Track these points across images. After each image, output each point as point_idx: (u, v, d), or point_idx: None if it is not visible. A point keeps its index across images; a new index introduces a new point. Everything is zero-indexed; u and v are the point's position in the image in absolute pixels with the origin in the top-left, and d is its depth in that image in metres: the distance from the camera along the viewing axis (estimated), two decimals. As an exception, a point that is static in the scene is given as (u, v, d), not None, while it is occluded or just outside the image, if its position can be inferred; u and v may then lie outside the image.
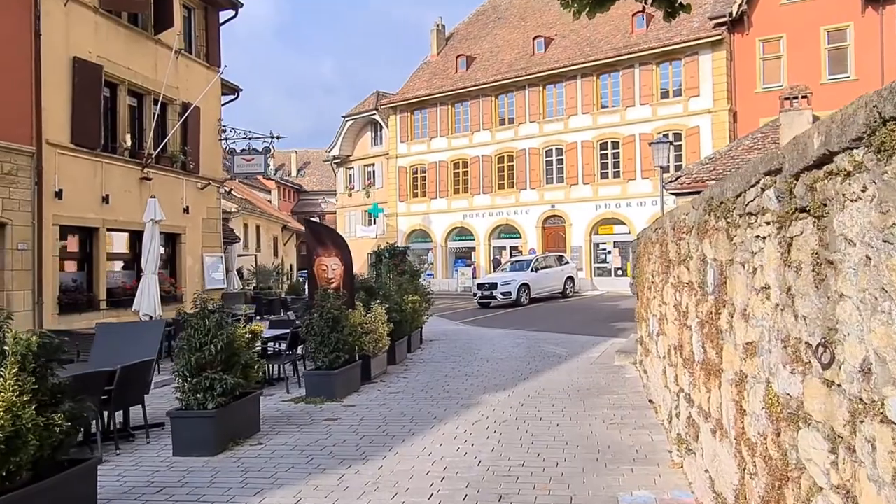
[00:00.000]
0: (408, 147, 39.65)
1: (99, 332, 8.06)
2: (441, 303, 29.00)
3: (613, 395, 8.80)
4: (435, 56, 42.20)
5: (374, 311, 10.95)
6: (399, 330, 12.57)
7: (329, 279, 10.49)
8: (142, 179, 14.02)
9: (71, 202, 12.13)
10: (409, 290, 14.14)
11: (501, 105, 35.97)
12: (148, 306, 10.82)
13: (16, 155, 10.98)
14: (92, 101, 12.59)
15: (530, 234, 34.56)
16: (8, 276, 10.84)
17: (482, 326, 19.49)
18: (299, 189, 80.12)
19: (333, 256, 10.54)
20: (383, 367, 11.44)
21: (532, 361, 12.23)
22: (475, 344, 15.23)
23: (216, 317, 6.64)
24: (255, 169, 16.69)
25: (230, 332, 6.71)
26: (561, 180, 33.55)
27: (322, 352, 9.29)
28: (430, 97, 38.13)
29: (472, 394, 9.32)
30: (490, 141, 36.00)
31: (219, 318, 6.64)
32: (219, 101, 17.33)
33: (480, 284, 26.49)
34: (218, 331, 6.60)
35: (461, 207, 37.21)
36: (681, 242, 5.47)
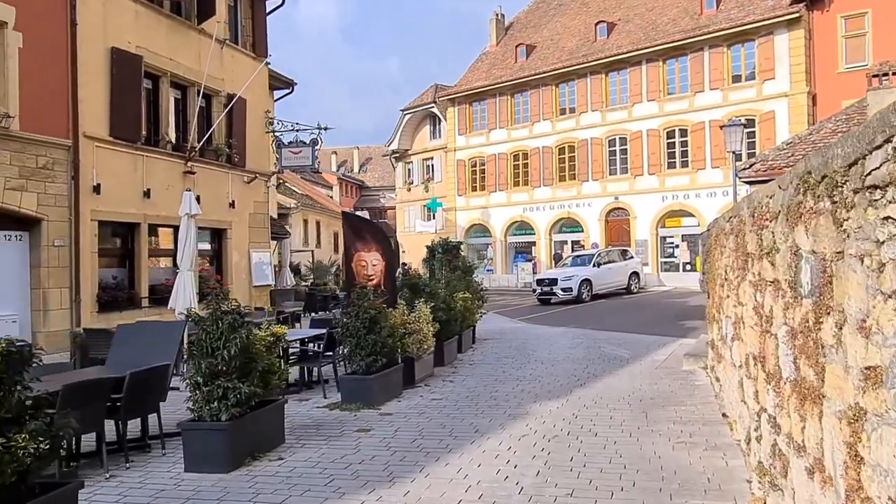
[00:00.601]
0: (466, 139, 38.83)
1: (118, 334, 7.59)
2: (499, 299, 28.14)
3: (681, 406, 7.76)
4: (494, 46, 41.20)
5: (418, 309, 10.20)
6: (447, 329, 11.80)
7: (369, 276, 9.80)
8: (185, 173, 13.70)
9: (110, 197, 11.86)
10: (459, 287, 13.34)
11: (562, 94, 34.69)
12: (184, 304, 10.39)
13: (51, 148, 10.73)
14: (131, 93, 12.30)
15: (593, 228, 33.21)
16: (44, 273, 10.61)
17: (540, 324, 18.52)
18: (361, 185, 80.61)
19: (373, 251, 9.84)
20: (429, 369, 10.69)
21: (591, 364, 11.24)
22: (531, 344, 14.31)
23: (230, 318, 5.99)
24: (303, 162, 16.21)
25: (244, 336, 6.06)
26: (625, 171, 32.05)
27: (358, 355, 8.60)
28: (488, 88, 37.17)
29: (522, 402, 8.45)
30: (550, 131, 34.78)
31: (232, 320, 5.99)
32: (266, 92, 16.93)
33: (540, 280, 25.46)
34: (231, 334, 5.96)
35: (521, 201, 36.15)
36: (763, 232, 4.47)
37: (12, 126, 10.08)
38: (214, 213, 14.69)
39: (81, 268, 11.17)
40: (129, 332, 7.57)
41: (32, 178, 10.41)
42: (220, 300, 6.13)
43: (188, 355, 6.00)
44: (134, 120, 12.41)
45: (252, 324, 7.03)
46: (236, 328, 6.00)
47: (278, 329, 6.80)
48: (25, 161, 10.31)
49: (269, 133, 16.72)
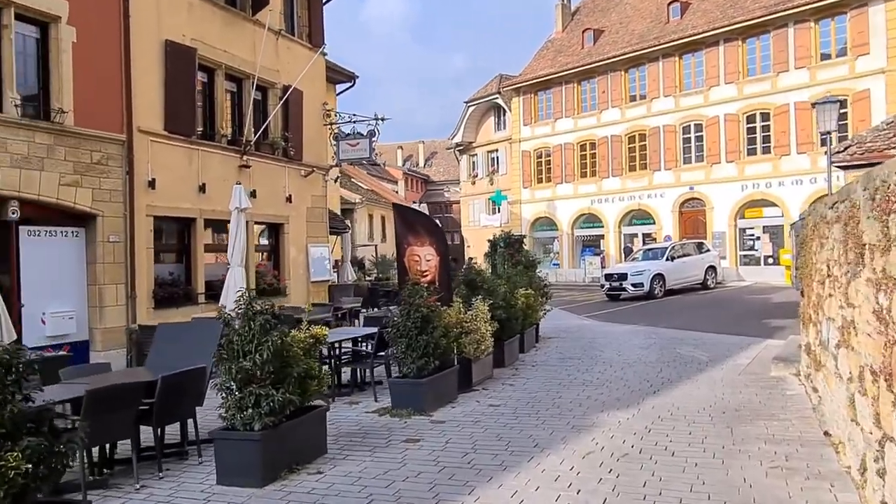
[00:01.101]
0: (531, 130, 37.82)
1: (158, 334, 7.25)
2: (565, 294, 27.16)
3: (772, 420, 6.81)
4: (560, 33, 39.99)
5: (475, 307, 9.55)
6: (508, 328, 11.11)
7: (422, 272, 9.21)
8: (241, 167, 13.45)
9: (165, 192, 11.70)
10: (521, 283, 12.60)
11: (632, 80, 33.22)
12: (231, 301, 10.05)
13: (105, 144, 10.61)
14: (186, 87, 12.11)
15: (665, 220, 31.69)
16: (99, 270, 10.51)
17: (609, 322, 17.56)
18: (426, 179, 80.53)
19: (427, 245, 9.24)
20: (488, 371, 10.03)
21: (665, 368, 10.32)
22: (598, 343, 13.43)
23: (261, 319, 5.49)
24: (360, 154, 15.78)
25: (277, 338, 5.54)
26: (700, 159, 30.40)
27: (409, 357, 8.01)
28: (554, 76, 36.03)
29: (588, 411, 7.67)
30: (620, 119, 33.38)
31: (264, 321, 5.48)
32: (324, 84, 16.58)
33: (609, 275, 24.35)
34: (262, 336, 5.45)
35: (589, 192, 34.91)
36: (889, 217, 3.59)
37: (66, 121, 9.98)
38: (271, 208, 14.44)
39: (137, 264, 11.03)
40: (169, 331, 7.23)
41: (87, 174, 10.31)
42: (252, 299, 5.63)
43: (217, 358, 5.51)
44: (188, 114, 12.22)
45: (289, 324, 6.54)
46: (268, 330, 5.48)
47: (318, 331, 6.29)
48: (80, 156, 10.21)
49: (327, 126, 16.37)
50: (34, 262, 9.76)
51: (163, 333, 7.21)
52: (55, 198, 9.87)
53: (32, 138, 9.53)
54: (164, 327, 7.47)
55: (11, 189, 9.25)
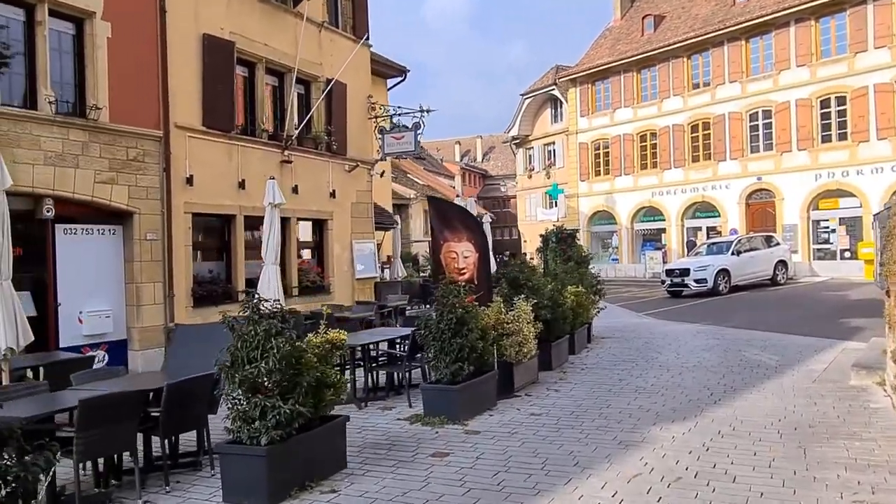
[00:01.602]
0: (589, 121, 36.67)
1: (177, 337, 6.93)
2: (624, 291, 26.13)
3: (854, 440, 5.94)
4: (618, 21, 38.64)
5: (517, 307, 8.92)
6: (556, 328, 10.43)
7: (460, 269, 8.65)
8: (282, 163, 13.17)
9: (204, 188, 11.49)
10: (570, 280, 11.88)
11: (695, 66, 31.69)
12: (269, 298, 9.74)
13: (142, 140, 10.45)
14: (224, 81, 11.88)
15: (731, 212, 30.12)
16: (136, 268, 10.36)
17: (668, 320, 16.60)
18: (484, 174, 79.87)
19: (465, 241, 8.66)
20: (532, 374, 9.39)
21: (728, 374, 9.45)
22: (656, 344, 12.58)
23: (267, 323, 5.03)
24: (406, 148, 15.32)
25: (284, 344, 5.07)
26: (769, 148, 28.72)
27: (442, 361, 7.47)
28: (612, 64, 34.78)
29: (638, 424, 6.95)
30: (682, 108, 31.92)
31: (268, 326, 5.02)
32: (368, 76, 16.17)
33: (670, 270, 23.21)
34: (268, 342, 5.00)
35: (649, 184, 33.57)
36: None
37: (101, 118, 9.84)
38: (314, 204, 14.13)
39: (175, 262, 10.86)
40: (189, 333, 6.90)
41: (123, 171, 10.17)
42: (257, 302, 5.18)
43: (220, 366, 5.09)
44: (227, 109, 11.99)
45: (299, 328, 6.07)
46: (274, 335, 5.02)
47: (336, 335, 5.80)
48: (115, 153, 10.07)
49: (372, 119, 15.97)
50: (70, 260, 9.67)
51: (183, 335, 6.89)
52: (90, 195, 9.74)
53: (67, 135, 9.42)
54: (184, 329, 7.17)
55: (46, 187, 9.15)
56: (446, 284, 7.77)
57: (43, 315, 9.31)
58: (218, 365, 5.10)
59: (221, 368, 5.06)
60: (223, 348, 5.17)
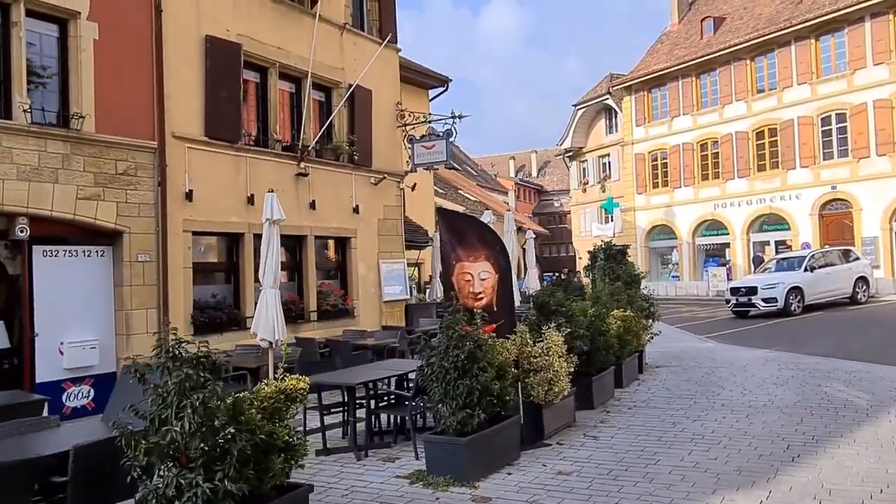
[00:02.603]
0: (645, 130, 34.79)
1: (121, 379, 5.79)
2: (685, 310, 24.17)
3: None
4: (676, 25, 36.73)
5: (546, 338, 7.49)
6: (597, 360, 8.94)
7: (476, 294, 7.30)
8: (298, 176, 12.13)
9: (207, 204, 10.52)
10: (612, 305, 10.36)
11: (759, 68, 29.55)
12: (266, 329, 8.59)
13: (133, 152, 9.54)
14: (230, 87, 10.93)
15: (802, 225, 27.72)
16: (126, 293, 9.40)
17: (734, 344, 14.78)
18: (539, 189, 78.22)
19: (482, 261, 7.31)
20: (567, 416, 7.94)
21: (808, 417, 7.76)
22: (719, 375, 10.89)
23: (183, 374, 3.80)
24: (436, 157, 14.11)
25: (210, 398, 3.83)
26: (844, 154, 26.31)
27: (448, 406, 6.11)
28: (669, 70, 32.90)
29: (693, 491, 5.42)
30: (746, 114, 29.78)
31: (185, 377, 3.79)
32: (397, 83, 15.05)
33: (735, 288, 21.20)
34: (181, 400, 3.77)
35: (711, 196, 31.41)
36: None
37: (85, 127, 8.97)
38: (334, 220, 13.02)
39: (171, 285, 9.88)
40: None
41: (111, 186, 9.27)
42: (178, 342, 3.97)
43: (120, 430, 3.88)
44: (234, 117, 11.03)
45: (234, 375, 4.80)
46: (190, 389, 3.78)
47: (293, 382, 4.55)
48: (102, 167, 9.17)
49: (401, 128, 14.83)
50: (50, 285, 8.79)
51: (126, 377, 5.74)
52: (72, 213, 8.85)
53: (44, 147, 8.56)
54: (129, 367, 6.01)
55: (18, 204, 8.29)
56: (454, 312, 6.43)
57: (18, 347, 8.42)
58: (118, 427, 3.89)
59: (122, 432, 3.85)
60: (132, 403, 3.98)
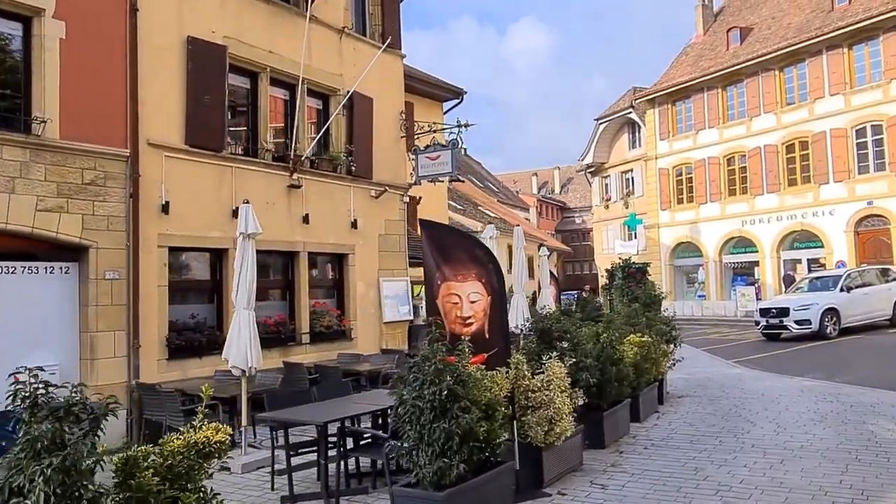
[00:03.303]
0: (669, 144, 33.64)
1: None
2: (711, 332, 22.91)
3: None
4: (701, 36, 35.65)
5: (547, 370, 6.52)
6: (608, 392, 7.92)
7: (464, 319, 6.35)
8: (290, 188, 11.33)
9: (185, 218, 9.73)
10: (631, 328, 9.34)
11: (789, 79, 28.33)
12: (238, 355, 7.73)
13: (102, 160, 8.80)
14: (214, 93, 10.19)
15: (837, 242, 26.31)
16: (91, 314, 8.61)
17: (765, 371, 13.60)
18: (562, 206, 77.13)
19: (472, 280, 6.37)
20: (573, 459, 6.94)
21: (853, 465, 6.66)
22: (749, 408, 9.77)
23: (35, 431, 2.92)
24: (442, 169, 13.23)
25: (78, 460, 2.94)
26: (881, 167, 24.95)
27: (423, 453, 5.15)
28: (694, 82, 31.80)
29: (716, 568, 4.40)
30: (775, 126, 28.53)
31: (37, 435, 2.91)
32: (401, 91, 14.24)
33: (765, 309, 19.94)
34: (34, 463, 2.88)
35: (739, 212, 30.11)
36: None
37: (47, 132, 8.24)
38: (331, 235, 12.17)
39: (143, 305, 9.07)
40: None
41: (76, 197, 8.52)
42: (35, 390, 3.10)
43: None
44: (218, 124, 10.27)
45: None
46: (41, 452, 2.89)
47: (210, 433, 3.64)
48: (66, 176, 8.44)
49: (405, 138, 14.01)
50: (5, 304, 8.02)
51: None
52: (30, 226, 8.11)
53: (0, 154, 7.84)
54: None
55: (-33, 216, 7.58)
56: (433, 340, 5.48)
57: (-34, 371, 7.64)
58: None
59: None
60: None
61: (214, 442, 3.64)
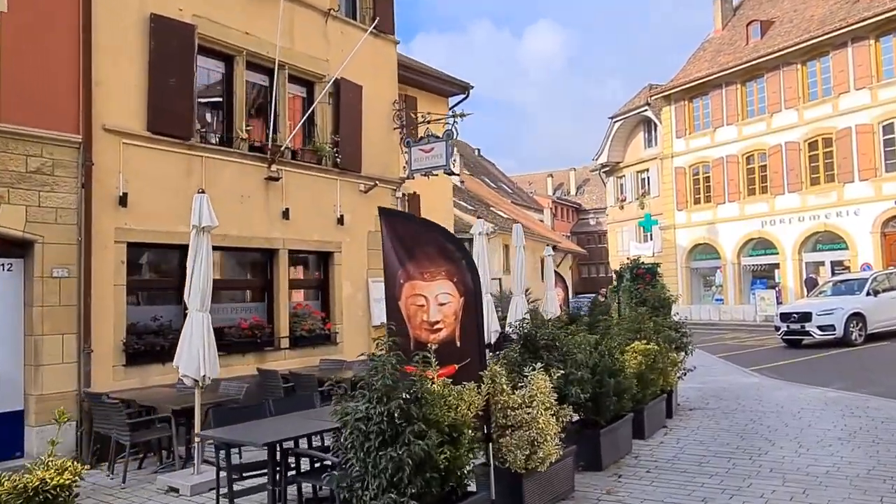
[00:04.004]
0: (686, 143, 32.49)
1: None
2: (729, 337, 21.84)
3: None
4: (719, 31, 34.48)
5: (531, 383, 5.60)
6: (605, 407, 6.99)
7: (431, 324, 5.44)
8: (268, 180, 10.49)
9: (148, 211, 8.90)
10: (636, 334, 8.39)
11: (811, 73, 27.13)
12: (189, 363, 6.88)
13: (50, 146, 8.00)
14: (181, 75, 9.37)
15: (862, 243, 25.06)
16: (36, 315, 7.81)
17: (785, 380, 12.58)
18: (578, 208, 75.97)
19: (441, 279, 5.46)
20: (562, 485, 6.03)
21: (890, 497, 5.68)
22: (767, 424, 8.79)
23: None
24: (436, 162, 12.36)
25: None
26: (910, 165, 23.74)
27: (370, 485, 4.27)
28: (712, 77, 30.66)
29: None
30: (797, 122, 27.33)
31: None
32: (394, 79, 13.37)
33: (786, 314, 18.84)
34: None
35: (758, 212, 28.92)
36: None
37: (-14, 116, 7.47)
38: (314, 231, 11.31)
39: (96, 306, 8.26)
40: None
41: (18, 187, 7.73)
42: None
43: None
44: (185, 110, 9.43)
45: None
46: None
47: (50, 474, 2.76)
48: (7, 163, 7.65)
49: (398, 130, 13.13)
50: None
51: None
52: (-37, 218, 7.34)
53: (-72, 138, 7.09)
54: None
55: None
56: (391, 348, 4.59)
57: None
58: None
59: None
60: None
61: (53, 486, 2.76)
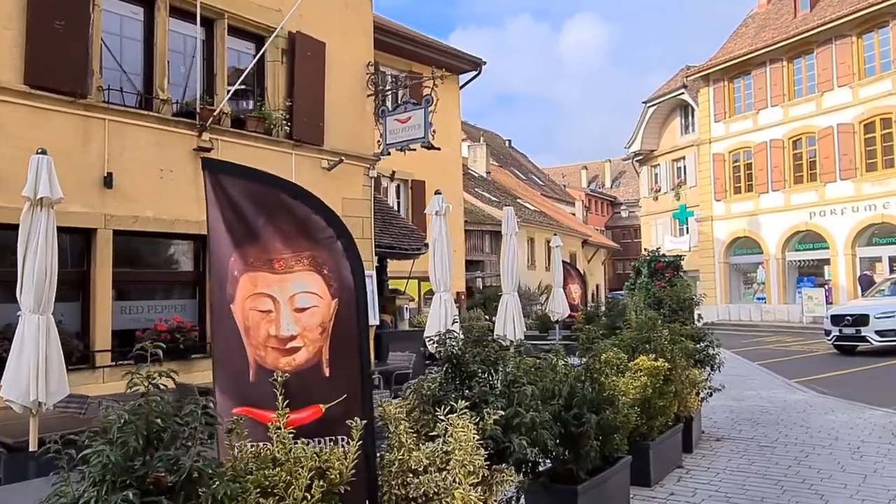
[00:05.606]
0: (725, 127, 29.86)
1: None
2: (771, 341, 19.43)
3: None
4: (763, 5, 31.70)
5: (451, 430, 3.57)
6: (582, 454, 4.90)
7: (283, 339, 3.45)
8: (198, 150, 8.67)
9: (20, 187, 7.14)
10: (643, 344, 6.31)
11: (868, 47, 24.33)
12: (15, 385, 5.05)
13: None
14: (73, 17, 7.60)
15: (927, 237, 22.29)
16: None
17: (837, 397, 10.37)
18: (613, 201, 73.22)
19: (301, 270, 3.48)
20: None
21: None
22: (815, 466, 6.62)
23: None
24: (413, 134, 10.39)
25: None
26: (984, 148, 20.88)
27: None
28: (756, 54, 27.97)
29: None
30: (850, 102, 24.56)
31: None
32: (368, 38, 11.39)
33: (838, 316, 16.42)
34: None
35: (806, 202, 26.21)
36: None
37: None
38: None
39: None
40: None
41: None
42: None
43: None
44: (78, 60, 7.64)
45: None
46: None
47: None
48: None
49: (372, 97, 11.17)
50: None
51: None
52: None
53: None
54: None
55: None
56: (149, 385, 2.62)
57: None
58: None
59: None
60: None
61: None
